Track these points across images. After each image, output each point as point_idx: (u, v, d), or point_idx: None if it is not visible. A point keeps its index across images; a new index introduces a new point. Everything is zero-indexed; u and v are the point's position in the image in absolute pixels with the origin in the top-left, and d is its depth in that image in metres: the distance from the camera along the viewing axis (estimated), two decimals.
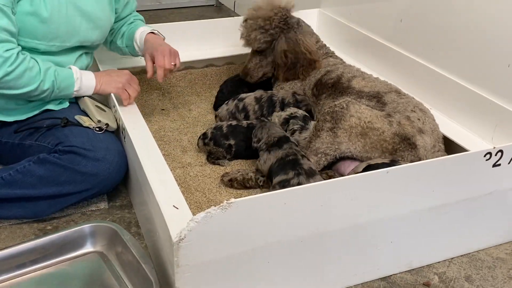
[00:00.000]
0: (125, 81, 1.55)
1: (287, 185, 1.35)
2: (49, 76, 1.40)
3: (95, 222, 1.25)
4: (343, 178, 1.14)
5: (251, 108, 1.72)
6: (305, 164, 1.40)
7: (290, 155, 1.42)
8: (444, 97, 1.69)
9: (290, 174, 1.37)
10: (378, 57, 1.98)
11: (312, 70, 1.77)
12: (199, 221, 1.00)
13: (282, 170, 1.39)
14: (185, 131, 1.81)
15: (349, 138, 1.42)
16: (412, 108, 1.50)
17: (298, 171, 1.37)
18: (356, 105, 1.45)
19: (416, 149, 1.42)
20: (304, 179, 1.36)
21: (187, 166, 1.62)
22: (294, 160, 1.40)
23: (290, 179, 1.36)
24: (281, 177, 1.38)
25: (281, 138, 1.47)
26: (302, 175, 1.36)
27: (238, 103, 1.74)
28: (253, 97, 1.74)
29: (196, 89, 2.10)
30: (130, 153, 1.42)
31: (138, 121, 1.50)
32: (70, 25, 1.45)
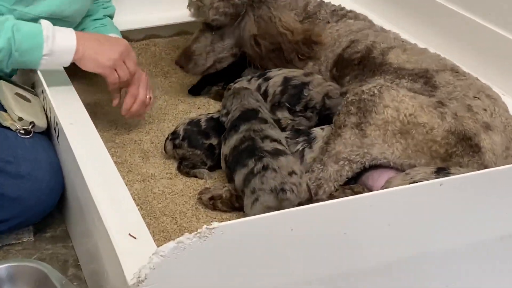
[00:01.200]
0: (119, 56, 1.54)
1: (251, 178, 1.39)
2: (4, 30, 1.40)
3: (15, 261, 1.26)
4: (374, 193, 1.17)
5: (272, 90, 1.72)
6: (267, 146, 1.44)
7: (246, 140, 1.46)
8: None
9: (249, 163, 1.41)
10: (426, 19, 2.01)
11: (311, 50, 1.81)
12: (167, 254, 1.02)
13: (238, 163, 1.43)
14: (146, 129, 1.82)
15: (384, 138, 1.45)
16: (475, 94, 1.53)
17: (258, 156, 1.41)
18: (393, 90, 1.47)
19: (480, 152, 1.44)
20: (271, 159, 1.40)
21: (149, 179, 1.64)
22: (251, 146, 1.45)
23: (252, 169, 1.40)
24: (241, 173, 1.42)
25: (244, 114, 1.51)
26: (266, 157, 1.41)
27: (262, 83, 1.74)
28: (283, 76, 1.73)
29: (162, 67, 2.12)
30: (67, 162, 1.44)
31: (78, 113, 1.51)
32: None
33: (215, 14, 1.82)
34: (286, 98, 1.70)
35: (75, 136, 1.40)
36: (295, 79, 1.71)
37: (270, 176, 1.38)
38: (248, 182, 1.40)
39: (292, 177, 1.39)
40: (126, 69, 1.57)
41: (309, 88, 1.70)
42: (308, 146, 1.56)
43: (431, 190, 1.18)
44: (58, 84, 1.55)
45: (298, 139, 1.57)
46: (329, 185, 1.48)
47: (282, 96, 1.70)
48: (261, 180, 1.38)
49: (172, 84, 2.04)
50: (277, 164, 1.40)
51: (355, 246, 1.18)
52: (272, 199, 1.37)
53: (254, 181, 1.39)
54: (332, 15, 1.92)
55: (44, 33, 1.45)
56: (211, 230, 1.03)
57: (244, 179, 1.42)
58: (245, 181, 1.42)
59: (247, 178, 1.41)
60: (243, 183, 1.42)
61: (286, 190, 1.37)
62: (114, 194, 1.27)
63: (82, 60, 1.51)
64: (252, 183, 1.39)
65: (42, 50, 1.46)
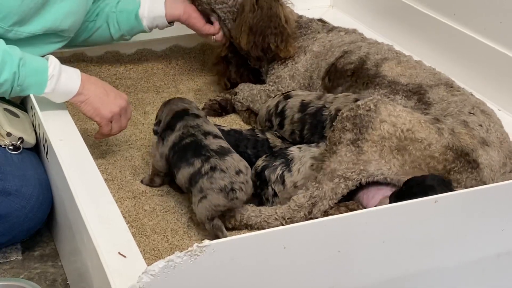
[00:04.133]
0: (119, 110, 1.59)
1: (198, 178, 1.43)
2: (10, 63, 1.43)
3: (2, 280, 1.27)
4: (369, 210, 1.17)
5: (290, 113, 1.71)
6: (212, 143, 1.47)
7: (185, 136, 1.49)
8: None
9: (196, 163, 1.44)
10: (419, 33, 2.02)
11: (285, 48, 1.84)
12: (157, 273, 1.02)
13: (181, 160, 1.46)
14: (137, 145, 1.82)
15: (380, 154, 1.44)
16: (470, 110, 1.54)
17: (205, 155, 1.45)
18: (390, 105, 1.47)
19: (478, 168, 1.45)
20: (218, 160, 1.44)
21: (140, 196, 1.63)
22: (194, 142, 1.47)
23: (199, 169, 1.43)
24: (186, 171, 1.45)
25: (176, 114, 1.55)
26: (213, 157, 1.44)
27: (281, 101, 1.74)
28: (300, 100, 1.72)
29: (154, 82, 2.13)
30: (56, 179, 1.44)
31: (68, 129, 1.51)
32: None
33: None
34: (308, 129, 1.68)
35: (64, 152, 1.40)
36: (311, 105, 1.69)
37: (218, 176, 1.43)
38: (196, 182, 1.44)
39: (240, 176, 1.44)
40: (120, 124, 1.62)
41: (328, 107, 1.67)
42: (287, 169, 1.55)
43: (426, 207, 1.18)
44: (48, 100, 1.55)
45: (275, 163, 1.57)
46: (323, 203, 1.48)
47: (303, 127, 1.68)
48: (210, 181, 1.43)
49: (163, 99, 2.03)
50: (224, 165, 1.44)
51: (349, 264, 1.18)
52: (221, 198, 1.42)
53: (202, 181, 1.43)
54: (323, 27, 1.96)
55: (49, 71, 1.48)
56: (202, 248, 1.03)
57: (190, 178, 1.45)
58: (191, 180, 1.45)
59: (194, 177, 1.44)
60: (189, 182, 1.46)
61: (236, 190, 1.42)
62: (103, 211, 1.27)
63: (84, 104, 1.54)
64: (200, 182, 1.43)
65: (44, 88, 1.49)
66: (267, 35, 1.84)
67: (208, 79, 2.16)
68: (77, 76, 1.53)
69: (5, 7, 1.49)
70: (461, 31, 1.90)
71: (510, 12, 1.77)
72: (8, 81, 1.44)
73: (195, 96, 2.06)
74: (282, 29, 1.84)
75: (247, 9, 1.84)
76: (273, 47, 1.85)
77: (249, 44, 1.86)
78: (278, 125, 1.73)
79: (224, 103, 1.98)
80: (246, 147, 1.67)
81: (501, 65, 1.79)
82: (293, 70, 1.88)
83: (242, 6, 1.86)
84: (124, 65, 2.16)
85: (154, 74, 2.15)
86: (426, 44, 1.99)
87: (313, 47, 1.89)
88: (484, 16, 1.84)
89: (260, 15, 1.83)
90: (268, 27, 1.83)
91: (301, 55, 1.89)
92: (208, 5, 1.92)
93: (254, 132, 1.74)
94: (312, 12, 2.24)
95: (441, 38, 1.96)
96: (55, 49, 1.69)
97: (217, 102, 1.97)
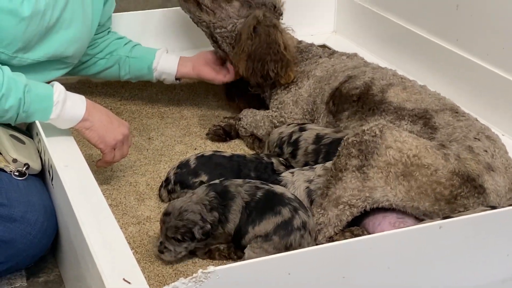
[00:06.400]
0: (122, 138, 1.61)
1: (291, 228, 1.38)
2: (16, 90, 1.44)
3: None
4: (374, 236, 1.17)
5: (304, 145, 1.71)
6: (285, 192, 1.45)
7: (255, 191, 1.45)
8: None
9: (284, 212, 1.41)
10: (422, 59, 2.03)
11: (285, 74, 1.85)
12: None
13: (264, 212, 1.42)
14: (142, 171, 1.83)
15: (386, 180, 1.44)
16: (475, 135, 1.54)
17: (291, 205, 1.41)
18: (395, 131, 1.48)
19: (485, 194, 1.44)
20: (304, 214, 1.41)
21: (144, 222, 1.63)
22: (270, 192, 1.45)
23: (290, 219, 1.40)
24: (270, 221, 1.40)
25: (220, 188, 1.49)
26: (300, 209, 1.41)
27: (295, 132, 1.74)
28: (315, 133, 1.71)
29: (159, 108, 2.14)
30: (61, 204, 1.44)
31: (73, 155, 1.52)
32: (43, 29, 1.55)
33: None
34: (323, 157, 1.67)
35: (69, 178, 1.40)
36: (327, 136, 1.69)
37: (307, 239, 1.40)
38: (286, 236, 1.40)
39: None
40: (122, 152, 1.63)
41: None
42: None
43: (431, 233, 1.18)
44: (53, 126, 1.56)
45: None
46: (328, 229, 1.48)
47: (318, 157, 1.68)
48: (300, 241, 1.39)
49: (168, 125, 2.05)
50: (311, 227, 1.42)
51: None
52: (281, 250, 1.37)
53: (295, 237, 1.40)
54: (324, 52, 1.97)
55: (54, 97, 1.49)
56: (207, 275, 1.03)
57: (279, 229, 1.40)
58: (278, 232, 1.40)
59: (284, 228, 1.40)
60: (276, 232, 1.41)
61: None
62: (108, 237, 1.27)
63: (89, 130, 1.56)
64: (292, 238, 1.40)
65: (49, 115, 1.50)
66: (266, 62, 1.85)
67: (212, 105, 2.17)
68: (82, 102, 1.55)
69: (9, 34, 1.51)
70: (464, 56, 1.91)
71: None
72: (13, 107, 1.45)
73: (199, 122, 2.07)
74: (281, 56, 1.85)
75: (245, 37, 1.85)
76: (273, 74, 1.86)
77: (248, 71, 1.87)
78: (290, 154, 1.72)
79: (228, 129, 1.99)
80: (249, 170, 1.67)
81: (504, 90, 1.79)
82: (296, 95, 1.89)
83: (240, 33, 1.88)
84: (129, 91, 2.18)
85: (159, 100, 2.17)
86: (429, 70, 2.00)
87: (316, 72, 1.90)
88: (487, 42, 1.85)
89: (259, 42, 1.84)
90: (267, 54, 1.84)
91: (304, 80, 1.90)
92: (208, 28, 1.94)
93: (259, 155, 1.74)
94: (315, 38, 2.26)
95: (444, 64, 1.97)
96: (59, 75, 1.71)
97: (221, 128, 1.98)
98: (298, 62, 1.93)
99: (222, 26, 1.91)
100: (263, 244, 1.40)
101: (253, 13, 1.88)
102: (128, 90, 2.18)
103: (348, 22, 2.35)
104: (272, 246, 1.39)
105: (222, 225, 1.46)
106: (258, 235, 1.42)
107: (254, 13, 1.88)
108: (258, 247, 1.40)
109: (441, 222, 1.19)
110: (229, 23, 1.90)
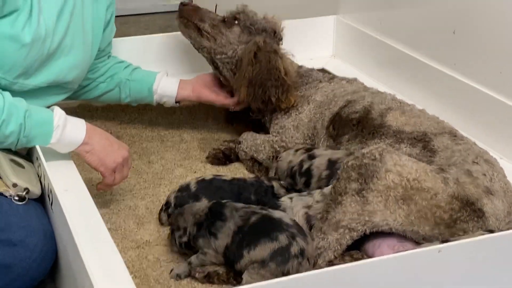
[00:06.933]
0: (122, 160, 1.61)
1: (288, 255, 1.37)
2: (16, 115, 1.45)
3: None
4: (373, 260, 1.17)
5: (317, 173, 1.68)
6: (284, 217, 1.44)
7: (249, 216, 1.45)
8: None
9: (281, 238, 1.39)
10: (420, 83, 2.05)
11: (286, 99, 1.86)
12: None
13: (259, 237, 1.40)
14: (141, 194, 1.83)
15: (386, 204, 1.44)
16: (473, 159, 1.54)
17: (289, 231, 1.40)
18: (395, 154, 1.48)
19: (484, 217, 1.44)
20: (302, 241, 1.39)
21: (144, 246, 1.63)
22: (265, 217, 1.43)
23: (287, 246, 1.38)
24: (266, 247, 1.38)
25: (214, 206, 1.50)
26: (298, 236, 1.39)
27: (305, 161, 1.72)
28: (326, 158, 1.69)
29: (159, 131, 2.14)
30: (60, 229, 1.44)
31: (72, 179, 1.52)
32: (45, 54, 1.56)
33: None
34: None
35: (68, 203, 1.40)
36: (340, 161, 1.66)
37: (305, 266, 1.38)
38: (283, 264, 1.38)
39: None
40: (122, 175, 1.63)
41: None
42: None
43: (430, 257, 1.18)
44: (53, 150, 1.56)
45: None
46: (328, 254, 1.47)
47: (330, 181, 1.65)
48: (297, 268, 1.37)
49: (168, 148, 2.06)
50: (310, 254, 1.40)
51: None
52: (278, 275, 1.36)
53: (292, 264, 1.38)
54: (324, 76, 1.99)
55: (54, 122, 1.50)
56: None
57: (277, 256, 1.39)
58: (276, 258, 1.39)
59: (281, 254, 1.38)
60: (272, 258, 1.39)
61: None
62: (107, 262, 1.26)
63: (89, 154, 1.56)
64: (289, 266, 1.38)
65: (50, 139, 1.50)
66: (267, 87, 1.85)
67: (212, 128, 2.18)
68: (83, 126, 1.55)
69: (10, 60, 1.52)
70: (461, 80, 1.92)
71: (510, 62, 1.79)
72: (14, 133, 1.45)
73: (199, 145, 2.08)
74: (282, 81, 1.86)
75: (246, 63, 1.86)
76: (274, 100, 1.87)
77: (249, 97, 1.87)
78: (304, 185, 1.70)
79: (228, 152, 1.99)
80: (249, 193, 1.67)
81: (502, 114, 1.80)
82: (297, 120, 1.89)
83: (241, 59, 1.89)
84: (129, 115, 2.19)
85: (159, 124, 2.17)
86: (427, 94, 2.01)
87: (316, 96, 1.91)
88: (484, 66, 1.86)
89: (259, 68, 1.85)
90: (268, 80, 1.85)
91: (305, 105, 1.91)
92: (208, 54, 1.95)
93: (260, 179, 1.74)
94: (314, 62, 2.27)
95: (442, 88, 1.98)
96: (58, 100, 1.71)
97: (221, 151, 1.99)
98: (299, 87, 1.94)
99: (223, 52, 1.93)
100: (260, 270, 1.39)
101: (253, 39, 1.89)
102: (128, 114, 2.19)
103: (347, 46, 2.37)
104: (269, 273, 1.38)
105: (207, 242, 1.47)
106: (254, 261, 1.41)
107: (254, 39, 1.89)
108: (255, 273, 1.39)
109: (440, 246, 1.19)
110: (229, 49, 1.92)
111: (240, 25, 1.93)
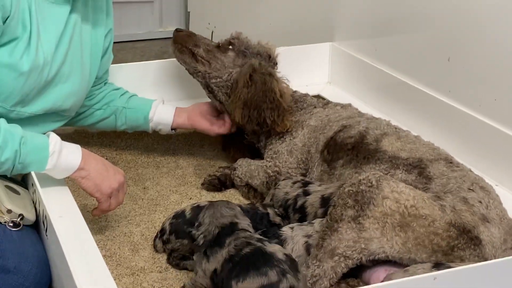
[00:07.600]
0: (117, 186, 1.61)
1: None
2: (12, 142, 1.44)
3: None
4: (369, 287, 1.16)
5: (311, 210, 1.66)
6: (277, 252, 1.37)
7: (243, 246, 1.40)
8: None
9: (271, 274, 1.33)
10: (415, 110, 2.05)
11: (281, 122, 1.86)
12: None
13: (249, 269, 1.34)
14: (137, 221, 1.82)
15: (382, 231, 1.43)
16: (469, 186, 1.54)
17: (279, 267, 1.33)
18: (392, 181, 1.47)
19: (481, 245, 1.43)
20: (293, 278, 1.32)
21: (139, 273, 1.62)
22: (258, 250, 1.38)
23: (277, 282, 1.31)
24: (255, 281, 1.32)
25: (224, 229, 1.47)
26: (289, 272, 1.33)
27: (300, 196, 1.69)
28: (319, 195, 1.67)
29: (154, 157, 2.14)
30: (55, 255, 1.43)
31: (67, 206, 1.51)
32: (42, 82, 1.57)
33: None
34: None
35: (63, 229, 1.39)
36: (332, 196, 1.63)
37: None
38: None
39: None
40: (118, 200, 1.63)
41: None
42: None
43: (425, 284, 1.17)
44: (48, 176, 1.56)
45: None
46: (324, 282, 1.45)
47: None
48: None
49: (163, 174, 2.06)
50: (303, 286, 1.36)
51: None
52: None
53: None
54: (318, 102, 1.99)
55: (50, 148, 1.49)
56: None
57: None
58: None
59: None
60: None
61: None
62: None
63: (84, 179, 1.55)
64: None
65: (45, 165, 1.50)
66: (262, 109, 1.85)
67: (207, 155, 2.17)
68: (78, 151, 1.55)
69: (8, 88, 1.52)
70: (456, 107, 1.93)
71: (505, 89, 1.80)
72: (9, 159, 1.45)
73: (195, 171, 2.07)
74: (277, 104, 1.86)
75: (241, 84, 1.87)
76: (269, 122, 1.87)
77: (244, 119, 1.87)
78: (298, 221, 1.67)
79: (223, 178, 1.99)
80: None
81: (497, 141, 1.80)
82: (291, 145, 1.89)
83: (236, 81, 1.90)
84: (124, 141, 2.19)
85: (154, 150, 2.17)
86: (422, 120, 2.02)
87: (311, 121, 1.91)
88: (478, 93, 1.87)
89: (255, 90, 1.86)
90: (263, 102, 1.85)
91: (299, 130, 1.91)
92: (203, 79, 1.96)
93: (255, 206, 1.74)
94: (310, 88, 2.28)
95: (437, 114, 1.99)
96: (56, 127, 1.71)
97: (217, 178, 1.99)
98: (293, 112, 1.94)
99: (218, 76, 1.93)
100: None
101: (249, 62, 1.90)
102: (124, 140, 2.19)
103: (342, 73, 2.39)
104: None
105: (200, 261, 1.46)
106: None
107: (250, 62, 1.90)
108: None
109: (435, 274, 1.18)
110: (224, 72, 1.93)
111: (235, 50, 1.95)
